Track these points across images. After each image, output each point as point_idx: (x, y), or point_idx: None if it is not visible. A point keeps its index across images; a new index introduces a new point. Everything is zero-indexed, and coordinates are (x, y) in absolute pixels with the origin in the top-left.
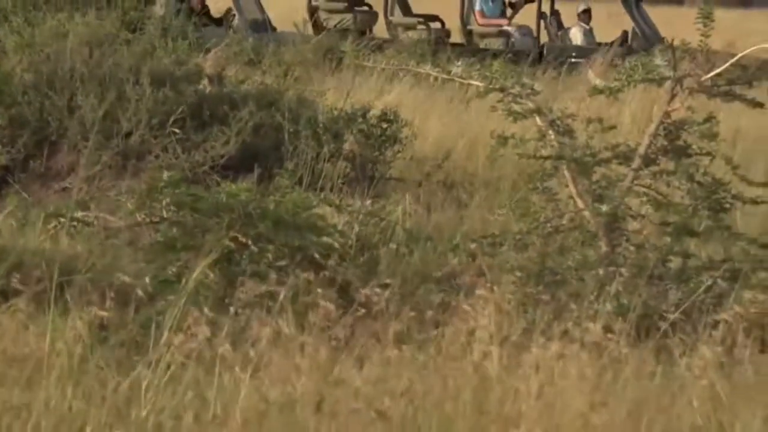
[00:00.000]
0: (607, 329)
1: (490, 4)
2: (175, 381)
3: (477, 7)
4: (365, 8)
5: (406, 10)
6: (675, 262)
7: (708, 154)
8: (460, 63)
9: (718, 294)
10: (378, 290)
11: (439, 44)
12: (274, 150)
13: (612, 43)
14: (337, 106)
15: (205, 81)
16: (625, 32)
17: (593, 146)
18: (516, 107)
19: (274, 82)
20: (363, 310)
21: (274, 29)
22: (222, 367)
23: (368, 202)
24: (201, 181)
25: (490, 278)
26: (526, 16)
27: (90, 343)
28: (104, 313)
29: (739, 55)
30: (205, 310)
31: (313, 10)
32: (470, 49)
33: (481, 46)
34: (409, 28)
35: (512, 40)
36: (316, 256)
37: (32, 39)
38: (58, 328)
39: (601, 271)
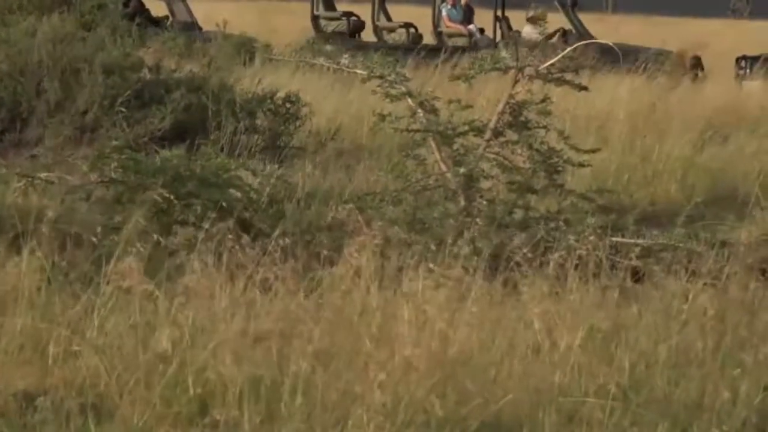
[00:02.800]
0: (465, 267)
1: (454, 11)
2: (121, 307)
3: (444, 14)
4: (354, 17)
5: (388, 18)
6: (519, 214)
7: (544, 127)
8: (347, 56)
9: (552, 238)
10: (283, 236)
11: (416, 44)
12: (201, 125)
13: (553, 39)
14: (250, 90)
15: (146, 70)
16: (564, 30)
17: (454, 122)
18: (392, 91)
19: (200, 71)
20: (271, 252)
21: (200, 29)
22: (157, 296)
23: (276, 166)
24: (142, 149)
25: (372, 227)
26: (481, 20)
27: (52, 277)
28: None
29: (569, 48)
30: (143, 250)
31: (315, 18)
32: (440, 47)
33: (450, 44)
34: (391, 31)
35: (474, 39)
36: (234, 209)
37: (7, 37)
38: (28, 267)
39: (460, 221)
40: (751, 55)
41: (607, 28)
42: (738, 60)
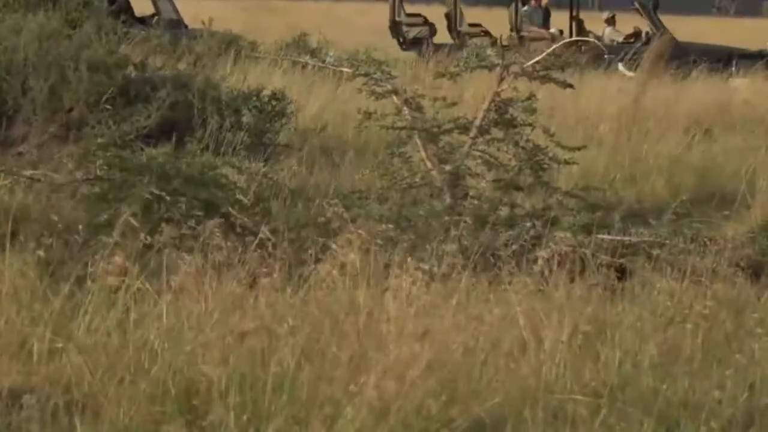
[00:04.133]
0: (451, 264)
1: (536, 14)
2: (107, 305)
3: (527, 18)
4: (430, 24)
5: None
6: (504, 211)
7: (529, 125)
8: (332, 54)
9: (538, 235)
10: (269, 234)
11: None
12: (186, 122)
13: (633, 41)
14: (236, 88)
15: (132, 67)
16: (645, 32)
17: (439, 119)
18: (377, 89)
19: (186, 69)
20: (258, 250)
21: (186, 27)
22: (144, 293)
23: (262, 164)
24: (128, 147)
25: (358, 224)
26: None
27: (38, 275)
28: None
29: (554, 46)
30: (129, 248)
31: (396, 24)
32: (521, 49)
33: (532, 48)
34: (473, 35)
35: (555, 42)
36: (221, 205)
37: None
38: (13, 264)
39: (446, 219)
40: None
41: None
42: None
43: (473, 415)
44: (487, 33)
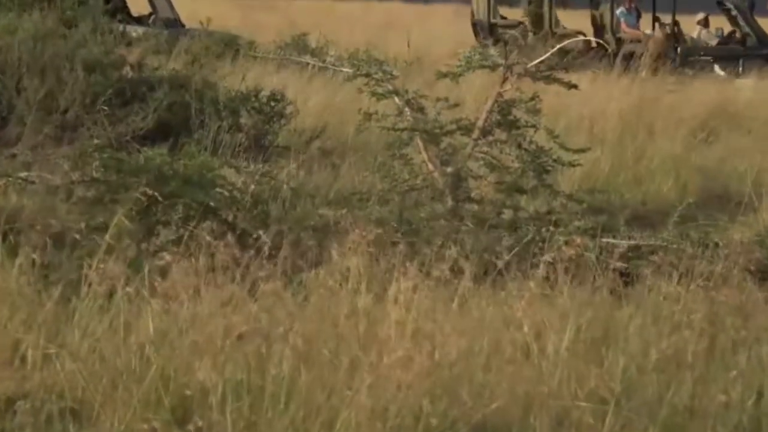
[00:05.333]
0: (454, 268)
1: (630, 16)
2: (102, 309)
3: (622, 19)
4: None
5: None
6: (508, 214)
7: (533, 126)
8: (333, 53)
9: (542, 239)
10: (269, 236)
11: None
12: (184, 123)
13: (728, 42)
14: (234, 88)
15: (128, 67)
16: (739, 32)
17: (441, 120)
18: (378, 89)
19: (183, 69)
20: (256, 253)
21: (183, 25)
22: (139, 298)
23: (261, 165)
24: (124, 148)
25: (359, 227)
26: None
27: (32, 278)
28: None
29: (558, 46)
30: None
31: (492, 26)
32: (615, 53)
33: (627, 50)
34: (569, 37)
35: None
36: (218, 208)
37: None
38: (6, 267)
39: (448, 222)
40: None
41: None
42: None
43: (475, 419)
44: (583, 34)
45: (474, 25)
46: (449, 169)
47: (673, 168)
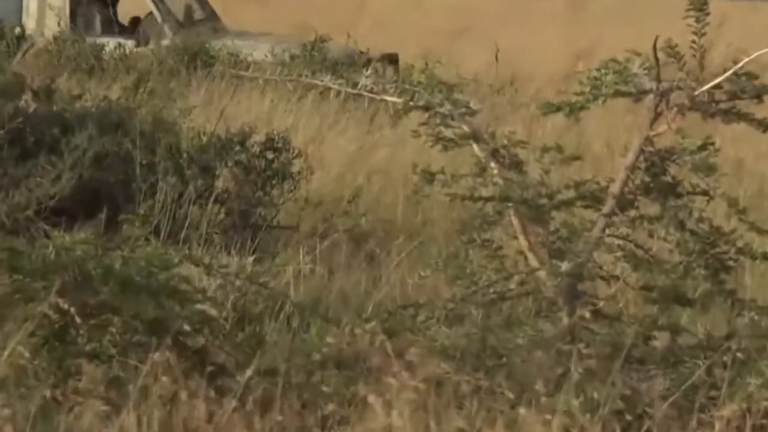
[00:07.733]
0: (569, 429)
1: None
2: None
3: None
4: None
5: None
6: (661, 340)
7: (705, 193)
8: (369, 72)
9: (718, 381)
10: (261, 377)
11: None
12: (122, 188)
13: None
14: (206, 130)
15: (29, 96)
16: None
17: (550, 184)
18: (446, 131)
19: (121, 97)
20: (239, 404)
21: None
22: None
23: (249, 259)
24: (23, 230)
25: (410, 360)
26: None
27: None
28: None
29: (745, 59)
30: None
31: None
32: None
33: None
34: None
35: None
36: (180, 331)
37: None
38: None
39: (560, 352)
40: None
41: None
42: None
43: None
44: None
45: None
46: (564, 265)
47: None
